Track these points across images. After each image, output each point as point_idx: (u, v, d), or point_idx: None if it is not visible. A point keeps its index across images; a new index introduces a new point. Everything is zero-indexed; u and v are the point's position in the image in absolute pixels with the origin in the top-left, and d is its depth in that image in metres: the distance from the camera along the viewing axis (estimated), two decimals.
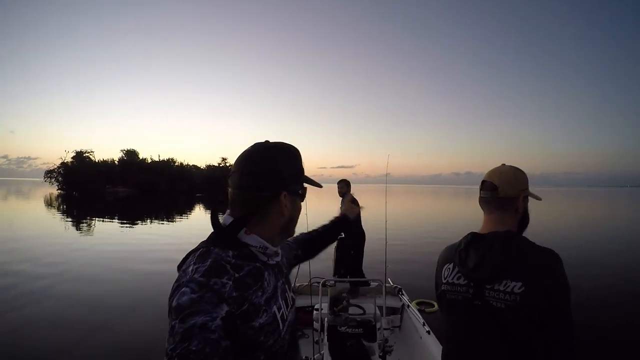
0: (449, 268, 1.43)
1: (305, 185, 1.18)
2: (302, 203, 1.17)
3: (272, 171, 1.06)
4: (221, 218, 1.10)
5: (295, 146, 1.16)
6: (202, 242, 1.04)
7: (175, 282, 0.94)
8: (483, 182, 1.47)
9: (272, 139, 1.18)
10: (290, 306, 1.14)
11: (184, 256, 1.03)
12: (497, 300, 1.25)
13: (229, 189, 1.09)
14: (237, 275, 0.96)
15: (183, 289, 0.89)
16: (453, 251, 1.45)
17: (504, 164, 1.50)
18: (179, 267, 1.01)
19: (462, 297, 1.35)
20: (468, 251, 1.37)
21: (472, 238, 1.40)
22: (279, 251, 1.14)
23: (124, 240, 15.09)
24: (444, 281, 1.43)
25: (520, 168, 1.48)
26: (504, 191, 1.40)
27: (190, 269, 0.94)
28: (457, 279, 1.38)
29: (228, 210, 1.10)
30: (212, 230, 1.06)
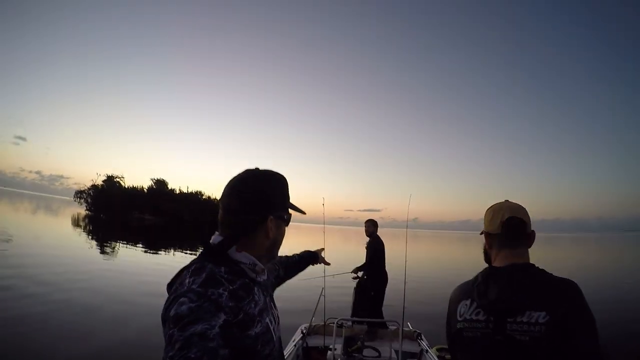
0: (466, 304, 1.37)
1: (292, 212, 1.24)
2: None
3: (260, 196, 1.12)
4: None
5: (283, 174, 1.22)
6: (194, 259, 1.08)
7: (171, 294, 0.97)
8: (510, 218, 1.43)
9: (299, 177, 1.24)
10: (277, 322, 1.19)
11: (174, 275, 1.07)
12: (520, 333, 1.20)
13: (220, 211, 1.14)
14: (231, 287, 1.00)
15: (181, 299, 0.92)
16: (469, 287, 1.40)
17: (508, 200, 1.52)
18: (170, 285, 1.04)
19: (481, 333, 1.29)
20: (487, 284, 1.32)
21: (491, 272, 1.36)
22: (265, 270, 1.19)
23: (144, 266, 15.20)
24: (460, 319, 1.37)
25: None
26: (529, 228, 1.43)
27: (187, 281, 0.97)
28: (476, 314, 1.32)
29: (217, 232, 1.15)
30: (203, 249, 1.11)
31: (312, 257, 1.99)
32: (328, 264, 2.15)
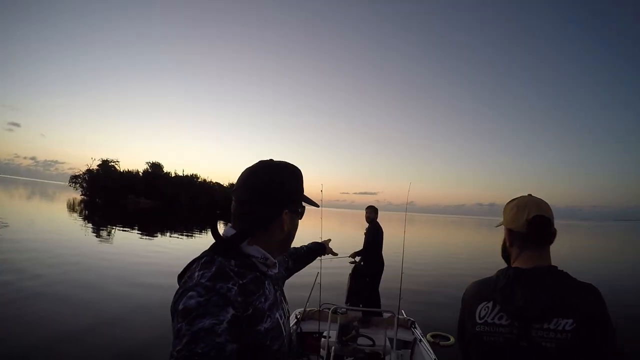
0: (487, 307, 1.30)
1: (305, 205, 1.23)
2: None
3: (276, 189, 1.11)
4: (221, 230, 1.13)
5: (297, 166, 1.20)
6: (205, 251, 1.06)
7: (180, 287, 0.96)
8: (536, 216, 1.35)
9: (297, 161, 1.22)
10: (287, 317, 1.18)
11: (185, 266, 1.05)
12: (547, 340, 1.17)
13: (233, 203, 1.13)
14: (241, 282, 0.98)
15: (190, 292, 0.91)
16: (490, 288, 1.33)
17: (531, 195, 1.44)
18: (180, 276, 1.02)
19: (504, 338, 1.24)
20: (513, 288, 1.26)
21: (515, 274, 1.29)
22: (277, 263, 1.17)
23: (140, 250, 15.17)
24: (480, 321, 1.30)
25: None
26: (553, 225, 1.37)
27: (196, 274, 0.96)
28: (499, 318, 1.26)
29: (230, 223, 1.14)
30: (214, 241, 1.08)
31: (320, 249, 2.02)
32: (336, 254, 2.17)
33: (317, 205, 1.28)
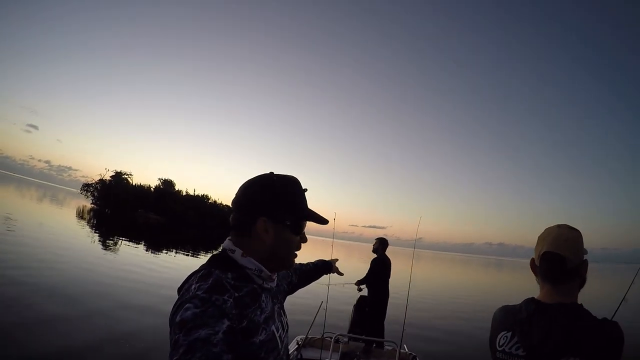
0: (506, 337, 1.34)
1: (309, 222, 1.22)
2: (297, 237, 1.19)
3: (251, 196, 1.15)
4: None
5: (296, 178, 1.22)
6: (203, 264, 1.10)
7: (178, 299, 0.98)
8: (546, 252, 1.34)
9: (313, 188, 1.27)
10: (285, 330, 1.19)
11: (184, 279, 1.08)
12: None
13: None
14: (236, 294, 1.01)
15: (186, 304, 0.93)
16: (512, 318, 1.36)
17: (561, 225, 1.39)
18: (180, 289, 1.05)
19: None
20: (531, 322, 1.29)
21: (536, 308, 1.31)
22: (275, 277, 1.19)
23: (144, 264, 15.17)
24: (499, 349, 1.35)
25: (575, 227, 1.38)
26: (572, 262, 1.31)
27: (193, 287, 0.99)
28: (516, 349, 1.30)
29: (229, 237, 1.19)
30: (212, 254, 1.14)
31: (326, 267, 2.01)
32: (341, 274, 2.16)
33: (324, 222, 1.25)
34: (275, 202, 1.14)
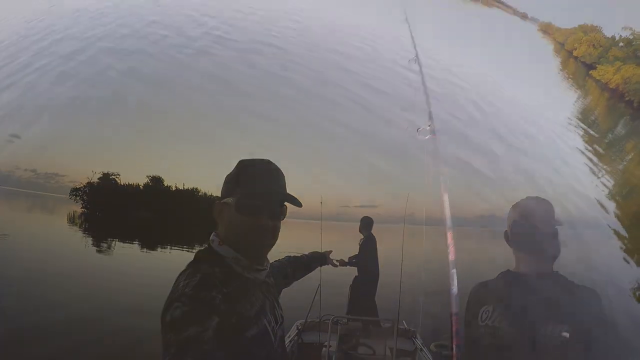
0: (488, 311, 1.34)
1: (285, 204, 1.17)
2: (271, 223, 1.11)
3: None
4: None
5: (267, 161, 1.13)
6: (190, 262, 1.09)
7: (167, 299, 0.97)
8: (515, 222, 1.36)
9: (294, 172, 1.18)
10: (279, 323, 1.17)
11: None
12: (543, 343, 1.21)
13: None
14: (225, 290, 0.99)
15: (175, 303, 0.92)
16: (489, 291, 1.38)
17: (530, 197, 1.40)
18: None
19: (504, 339, 1.29)
20: (510, 293, 1.31)
21: (512, 278, 1.33)
22: (259, 267, 1.13)
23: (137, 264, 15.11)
24: (482, 324, 1.35)
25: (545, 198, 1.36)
26: (545, 229, 1.31)
27: (181, 285, 0.99)
28: (499, 322, 1.31)
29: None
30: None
31: (320, 258, 2.00)
32: (336, 265, 2.17)
33: (298, 205, 1.16)
34: (228, 183, 1.12)
